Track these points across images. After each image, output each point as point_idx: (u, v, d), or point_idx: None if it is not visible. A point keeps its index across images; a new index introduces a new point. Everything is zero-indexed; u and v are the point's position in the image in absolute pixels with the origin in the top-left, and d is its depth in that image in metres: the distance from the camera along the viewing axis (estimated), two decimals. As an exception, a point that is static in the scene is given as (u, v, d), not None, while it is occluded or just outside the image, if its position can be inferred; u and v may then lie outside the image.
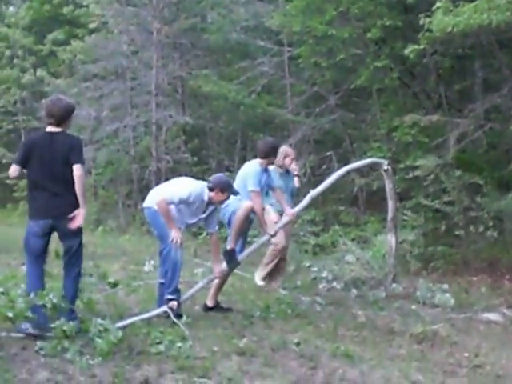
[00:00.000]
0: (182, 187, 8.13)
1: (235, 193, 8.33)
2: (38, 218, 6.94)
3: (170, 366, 6.02)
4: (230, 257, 8.48)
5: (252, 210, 8.49)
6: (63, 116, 7.01)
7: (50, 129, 7.03)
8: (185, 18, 22.73)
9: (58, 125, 6.99)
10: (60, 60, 28.57)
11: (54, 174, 6.83)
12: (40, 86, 28.52)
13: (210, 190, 8.13)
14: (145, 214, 8.43)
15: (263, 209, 8.80)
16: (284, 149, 10.23)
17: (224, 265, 8.50)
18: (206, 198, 8.12)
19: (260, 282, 9.88)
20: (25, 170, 7.02)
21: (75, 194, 6.83)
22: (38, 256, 7.01)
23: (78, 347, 6.18)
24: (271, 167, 9.59)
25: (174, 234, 7.88)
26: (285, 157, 10.04)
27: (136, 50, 24.13)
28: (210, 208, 8.30)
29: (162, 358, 6.27)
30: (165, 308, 7.74)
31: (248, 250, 8.80)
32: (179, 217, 8.09)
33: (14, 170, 7.02)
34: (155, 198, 8.07)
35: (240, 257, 8.64)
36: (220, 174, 8.72)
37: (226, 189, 8.18)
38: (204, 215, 8.28)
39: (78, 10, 27.63)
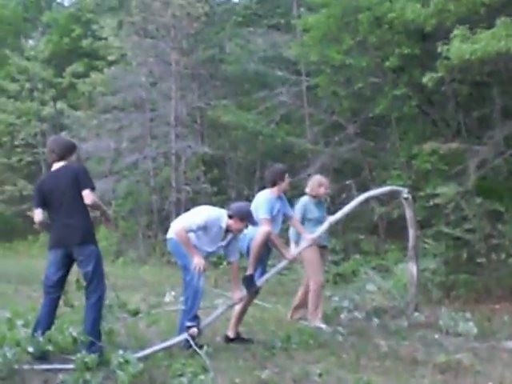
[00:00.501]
0: (200, 214, 8.15)
1: (254, 223, 8.31)
2: (53, 248, 7.16)
3: (192, 399, 6.00)
4: (249, 282, 8.46)
5: (269, 236, 8.46)
6: (63, 153, 7.23)
7: (54, 166, 7.25)
8: (203, 49, 22.94)
9: (59, 161, 7.21)
10: (79, 92, 28.82)
11: (64, 204, 7.02)
12: (60, 118, 28.77)
13: (230, 217, 8.15)
14: (168, 245, 8.45)
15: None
16: (318, 178, 10.21)
17: (243, 291, 8.48)
18: (223, 225, 8.12)
19: (322, 325, 9.73)
20: None
21: (88, 221, 7.07)
22: (52, 286, 7.15)
23: (100, 380, 6.16)
24: (304, 198, 9.86)
25: (197, 261, 7.90)
26: (319, 186, 10.03)
27: (155, 82, 24.29)
28: (230, 236, 8.31)
29: (185, 390, 6.25)
30: (185, 335, 7.73)
31: (267, 275, 8.72)
32: (199, 245, 8.11)
33: (37, 214, 7.23)
34: (175, 228, 8.12)
35: (259, 282, 8.60)
36: (241, 203, 8.76)
37: (245, 217, 8.18)
38: (223, 243, 8.30)
39: (96, 43, 27.89)
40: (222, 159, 23.82)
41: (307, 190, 10.09)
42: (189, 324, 7.89)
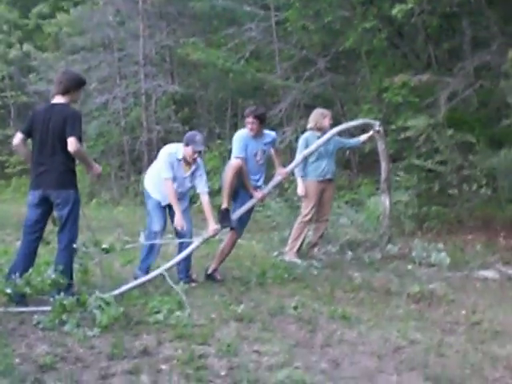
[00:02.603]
0: (160, 160, 8.43)
1: (199, 146, 8.35)
2: (31, 189, 7.13)
3: (168, 335, 6.03)
4: (223, 216, 8.46)
5: (240, 169, 8.44)
6: (70, 85, 7.14)
7: (54, 100, 7.18)
8: (170, -13, 22.59)
9: (64, 94, 7.11)
10: (46, 34, 28.40)
11: (47, 144, 6.97)
12: (27, 60, 28.37)
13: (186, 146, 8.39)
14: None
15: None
16: (320, 110, 10.25)
17: (218, 225, 8.48)
18: (180, 157, 8.35)
19: (295, 259, 9.80)
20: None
21: (70, 168, 7.05)
22: (30, 226, 7.11)
23: (76, 320, 6.18)
24: (307, 134, 10.02)
25: (178, 221, 8.19)
26: (324, 117, 10.01)
27: (122, 21, 23.98)
28: (193, 167, 8.46)
29: (161, 326, 6.28)
30: (154, 273, 7.84)
31: (239, 211, 8.68)
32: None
33: (16, 137, 7.19)
34: (149, 179, 8.60)
35: (233, 216, 8.59)
36: (192, 131, 8.88)
37: (188, 142, 8.34)
38: (187, 175, 8.44)
39: (62, -18, 27.42)
40: (192, 98, 23.63)
41: (310, 125, 10.10)
42: (138, 273, 8.18)
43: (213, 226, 8.32)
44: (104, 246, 7.62)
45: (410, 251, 10.37)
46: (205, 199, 8.46)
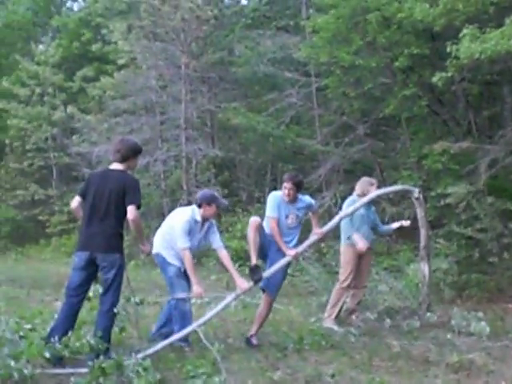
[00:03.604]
0: (178, 225, 8.32)
1: (223, 203, 8.69)
2: (78, 250, 7.17)
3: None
4: (253, 272, 8.40)
5: (259, 226, 8.44)
6: (128, 154, 7.28)
7: (112, 166, 7.30)
8: (212, 52, 22.98)
9: (122, 161, 7.24)
10: (90, 96, 28.88)
11: (101, 208, 7.07)
12: (70, 122, 28.82)
13: (199, 206, 8.42)
14: (156, 259, 8.59)
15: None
16: (367, 179, 10.27)
17: (250, 282, 8.44)
18: (198, 218, 8.39)
19: (332, 326, 9.76)
20: None
21: (118, 232, 7.11)
22: (73, 289, 7.12)
23: (113, 383, 6.17)
24: (353, 197, 9.98)
25: (197, 290, 8.14)
26: (371, 185, 10.04)
27: (165, 85, 24.32)
28: (206, 225, 8.49)
29: (197, 392, 6.25)
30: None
31: (272, 268, 8.61)
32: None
33: (74, 200, 7.35)
34: (161, 243, 8.45)
35: (265, 274, 8.54)
36: (204, 190, 9.10)
37: (211, 200, 8.44)
38: (201, 235, 8.47)
39: (106, 47, 27.99)
40: (232, 161, 23.84)
41: (357, 192, 10.09)
42: (182, 344, 8.03)
43: (239, 280, 8.27)
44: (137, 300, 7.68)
45: (449, 320, 10.22)
46: (223, 254, 8.49)
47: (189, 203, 21.88)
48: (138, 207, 7.07)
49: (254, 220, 8.48)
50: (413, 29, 14.69)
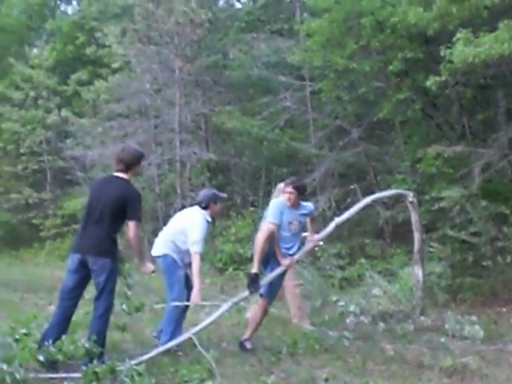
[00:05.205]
0: (195, 226, 8.36)
1: (224, 197, 9.00)
2: (71, 252, 7.24)
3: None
4: (251, 281, 8.39)
5: (271, 234, 8.42)
6: (131, 163, 7.25)
7: (116, 173, 7.29)
8: (206, 56, 22.94)
9: (125, 171, 7.24)
10: (84, 100, 28.80)
11: (96, 215, 7.09)
12: (65, 126, 28.74)
13: (205, 208, 8.55)
14: (162, 261, 8.56)
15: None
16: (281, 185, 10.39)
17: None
18: (209, 219, 8.56)
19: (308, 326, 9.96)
20: None
21: (111, 238, 7.12)
22: (66, 293, 7.14)
23: (106, 387, 6.17)
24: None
25: (197, 293, 8.14)
26: (280, 191, 10.18)
27: (159, 89, 24.30)
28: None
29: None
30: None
31: (268, 277, 8.61)
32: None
33: None
34: (170, 246, 8.50)
35: (262, 282, 8.52)
36: (203, 191, 9.09)
37: (216, 199, 8.72)
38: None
39: (100, 51, 27.88)
40: (226, 165, 23.82)
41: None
42: (176, 349, 7.99)
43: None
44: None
45: (443, 323, 10.22)
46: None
47: (183, 207, 21.86)
48: (139, 220, 7.06)
49: (268, 227, 8.43)
50: (407, 33, 14.69)
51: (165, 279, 8.67)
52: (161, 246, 8.59)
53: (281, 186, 10.10)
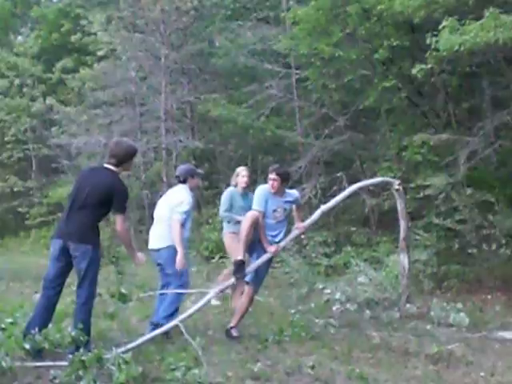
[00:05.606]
0: (182, 200, 8.54)
1: (200, 173, 9.32)
2: (53, 238, 7.24)
3: (185, 393, 6.00)
4: (238, 268, 8.39)
5: (256, 221, 8.43)
6: (124, 158, 7.26)
7: (106, 165, 7.28)
8: (192, 43, 22.90)
9: (116, 165, 7.23)
10: (69, 88, 28.72)
11: (79, 203, 7.07)
12: (50, 114, 28.64)
13: (184, 182, 8.78)
14: (162, 254, 8.59)
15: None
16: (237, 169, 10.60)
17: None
18: (191, 193, 8.76)
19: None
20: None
21: (93, 225, 7.10)
22: (50, 281, 7.12)
23: (93, 376, 6.15)
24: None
25: (181, 259, 8.36)
26: (237, 175, 10.64)
27: (144, 76, 24.25)
28: None
29: (177, 384, 6.25)
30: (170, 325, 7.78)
31: (254, 264, 8.63)
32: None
33: None
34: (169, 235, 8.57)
35: (248, 269, 8.55)
36: (181, 166, 9.30)
37: (193, 173, 8.93)
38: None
39: (86, 38, 27.74)
40: (212, 153, 23.80)
41: (232, 183, 10.68)
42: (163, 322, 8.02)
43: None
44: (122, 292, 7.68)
45: (428, 311, 10.27)
46: None
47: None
48: (123, 213, 7.09)
49: (252, 214, 8.47)
50: (393, 21, 14.64)
51: (165, 269, 8.62)
52: (162, 237, 8.64)
53: (239, 169, 10.29)
